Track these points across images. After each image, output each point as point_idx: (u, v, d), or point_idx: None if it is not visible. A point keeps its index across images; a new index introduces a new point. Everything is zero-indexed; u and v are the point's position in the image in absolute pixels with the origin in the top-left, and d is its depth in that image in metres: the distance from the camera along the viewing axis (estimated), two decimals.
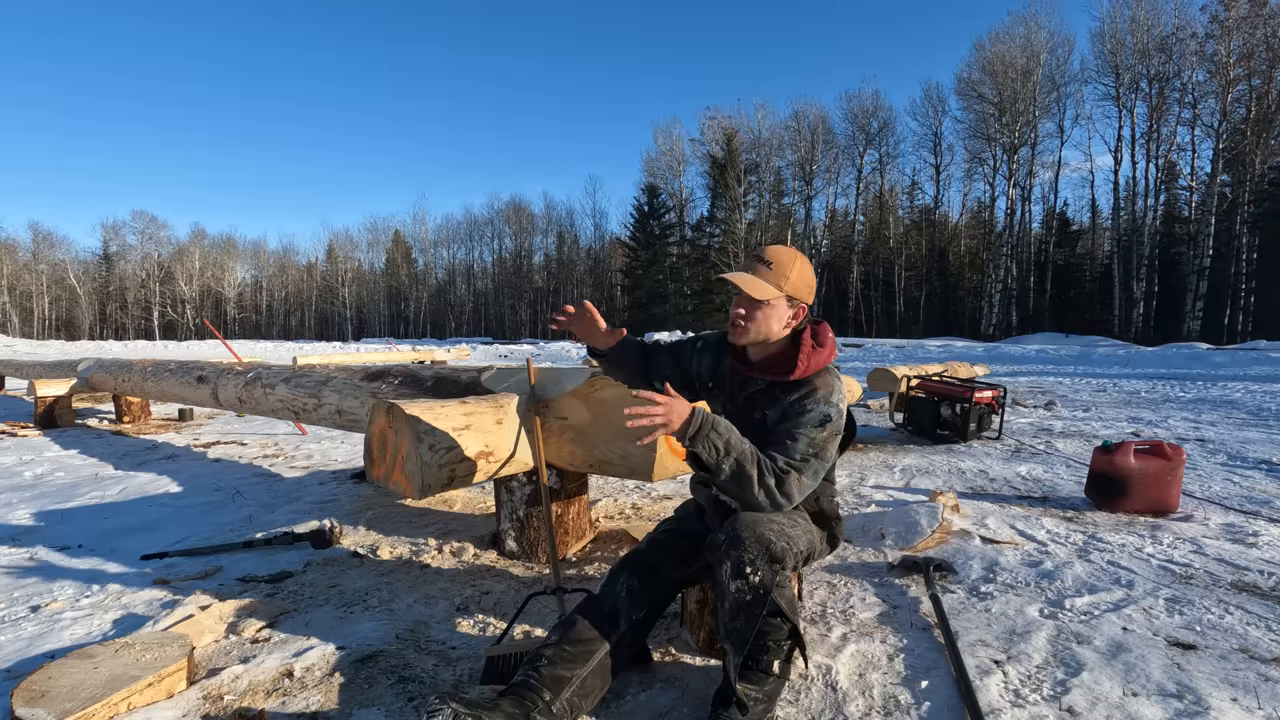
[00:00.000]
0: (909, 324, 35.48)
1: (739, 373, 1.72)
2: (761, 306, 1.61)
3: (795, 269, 1.62)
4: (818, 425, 1.56)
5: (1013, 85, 31.51)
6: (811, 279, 1.67)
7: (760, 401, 1.66)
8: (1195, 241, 26.75)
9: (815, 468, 1.56)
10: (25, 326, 61.46)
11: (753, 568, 1.47)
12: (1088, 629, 1.97)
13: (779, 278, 1.61)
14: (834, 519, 1.78)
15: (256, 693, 1.68)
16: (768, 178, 40.58)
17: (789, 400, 1.60)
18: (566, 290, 52.71)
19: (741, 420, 1.63)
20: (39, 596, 2.31)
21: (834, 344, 1.67)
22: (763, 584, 1.47)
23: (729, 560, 1.49)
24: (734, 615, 1.48)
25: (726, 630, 1.50)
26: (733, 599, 1.48)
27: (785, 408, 1.60)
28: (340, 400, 3.39)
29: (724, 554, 1.51)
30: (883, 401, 7.68)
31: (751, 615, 1.46)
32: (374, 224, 75.27)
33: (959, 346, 20.37)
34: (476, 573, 2.49)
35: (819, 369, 1.62)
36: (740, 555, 1.48)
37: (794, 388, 1.61)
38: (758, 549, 1.48)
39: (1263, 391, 8.75)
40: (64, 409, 6.40)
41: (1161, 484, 3.17)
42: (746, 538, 1.49)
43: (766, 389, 1.65)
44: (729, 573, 1.49)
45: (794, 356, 1.61)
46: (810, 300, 1.66)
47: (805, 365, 1.59)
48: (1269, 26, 24.91)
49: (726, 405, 1.75)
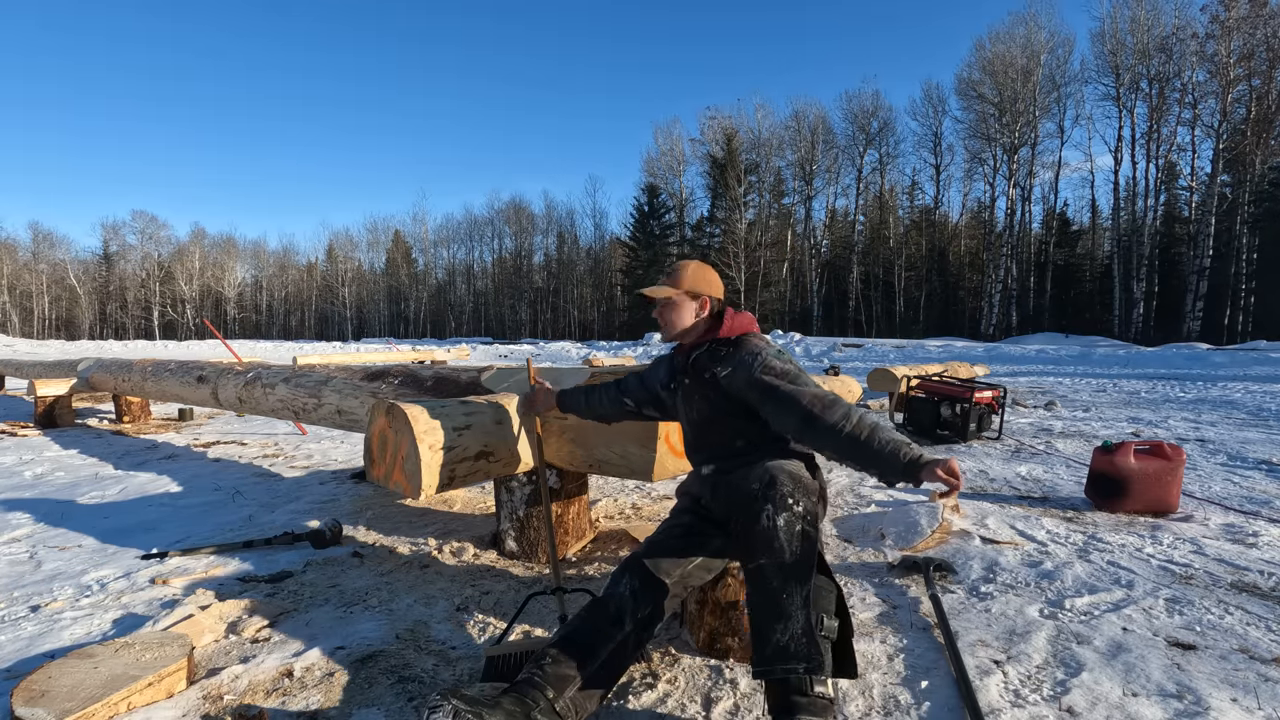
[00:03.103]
0: (909, 324, 35.47)
1: (683, 355, 1.98)
2: (667, 305, 1.93)
3: (689, 271, 1.95)
4: (777, 359, 1.77)
5: (1013, 85, 31.48)
6: (709, 276, 1.97)
7: (704, 363, 1.87)
8: (1195, 241, 26.73)
9: (808, 379, 1.75)
10: (25, 326, 61.48)
11: (793, 498, 1.54)
12: (1088, 629, 1.97)
13: (676, 281, 1.93)
14: (817, 469, 1.85)
15: (256, 692, 1.68)
16: (768, 178, 40.54)
17: (736, 359, 1.79)
18: (567, 290, 52.72)
19: (698, 384, 1.87)
20: (39, 596, 2.31)
21: (753, 319, 1.95)
22: (808, 511, 1.54)
23: (770, 501, 1.53)
24: (793, 553, 1.48)
25: (784, 581, 1.46)
26: (784, 531, 1.50)
27: (737, 362, 1.78)
28: (340, 400, 3.39)
29: (762, 499, 1.54)
30: (883, 401, 7.68)
31: (810, 545, 1.50)
32: (374, 224, 75.46)
33: (959, 346, 20.35)
34: (476, 573, 2.49)
35: (744, 330, 1.89)
36: (779, 490, 1.54)
37: (728, 345, 1.85)
38: (792, 482, 1.56)
39: (1263, 392, 8.75)
40: (64, 409, 6.40)
41: (1161, 484, 3.17)
42: (779, 476, 1.57)
43: (707, 351, 1.89)
44: (774, 510, 1.52)
45: (719, 323, 1.91)
46: (713, 294, 1.95)
47: (730, 324, 1.88)
48: (1269, 26, 24.89)
49: (684, 382, 1.94)
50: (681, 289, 1.93)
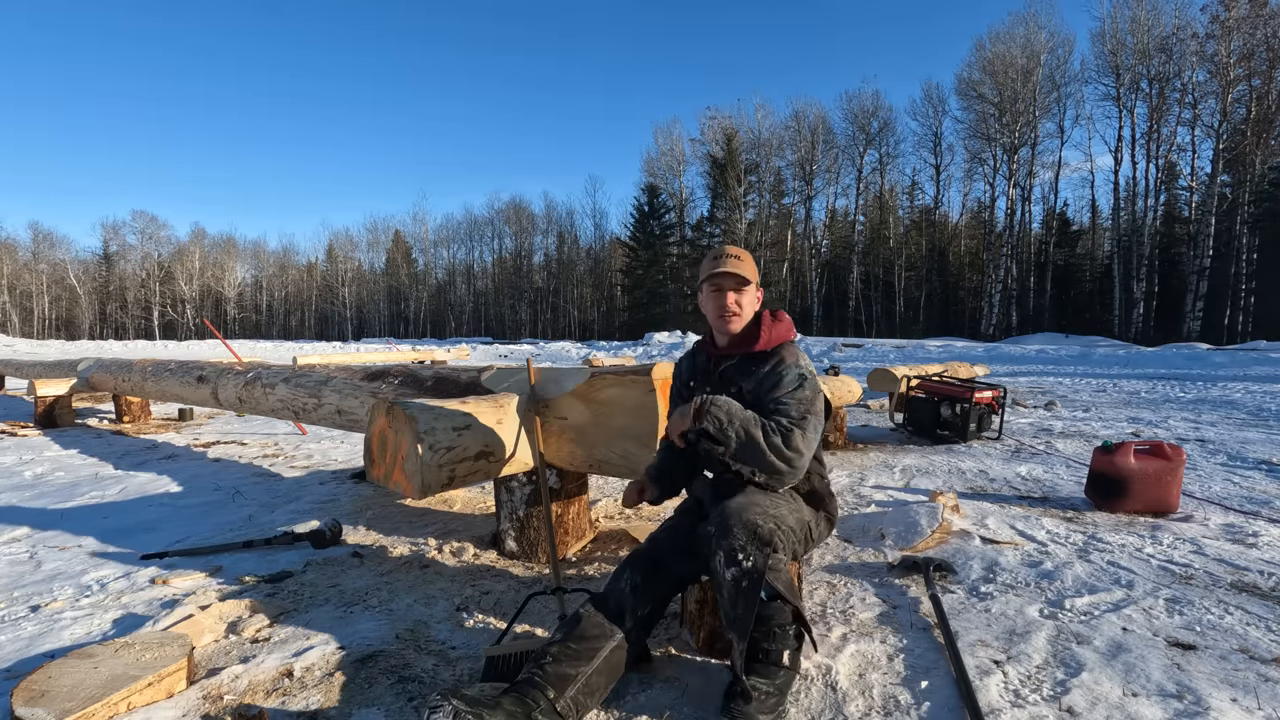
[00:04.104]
0: (909, 324, 35.47)
1: (712, 357, 1.91)
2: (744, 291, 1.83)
3: (752, 259, 1.90)
4: (797, 386, 1.73)
5: (1013, 85, 31.49)
6: (755, 264, 1.92)
7: (734, 376, 1.82)
8: (1195, 242, 26.72)
9: (813, 424, 1.70)
10: (25, 326, 61.47)
11: (744, 553, 1.52)
12: (1088, 629, 1.97)
13: (750, 268, 1.86)
14: (827, 496, 1.85)
15: (256, 692, 1.68)
16: (768, 178, 40.55)
17: (762, 372, 1.76)
18: (567, 290, 52.72)
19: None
20: (39, 596, 2.31)
21: (790, 323, 1.89)
22: (755, 568, 1.51)
23: (721, 549, 1.54)
24: (733, 603, 1.50)
25: (728, 619, 1.52)
26: (729, 587, 1.51)
27: (760, 379, 1.76)
28: (340, 400, 3.39)
29: (715, 544, 1.56)
30: (883, 401, 7.68)
31: (749, 600, 1.49)
32: (374, 224, 75.50)
33: (959, 346, 20.34)
34: (476, 573, 2.49)
35: (781, 341, 1.82)
36: (730, 543, 1.53)
37: (763, 359, 1.79)
38: (746, 534, 1.54)
39: (1263, 392, 8.75)
40: (64, 409, 6.40)
41: (1161, 484, 3.17)
42: (734, 525, 1.55)
43: (739, 363, 1.83)
44: (722, 562, 1.54)
45: (756, 331, 1.84)
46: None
47: (768, 336, 1.81)
48: (1269, 27, 24.88)
49: (706, 390, 1.89)
50: (756, 277, 1.85)
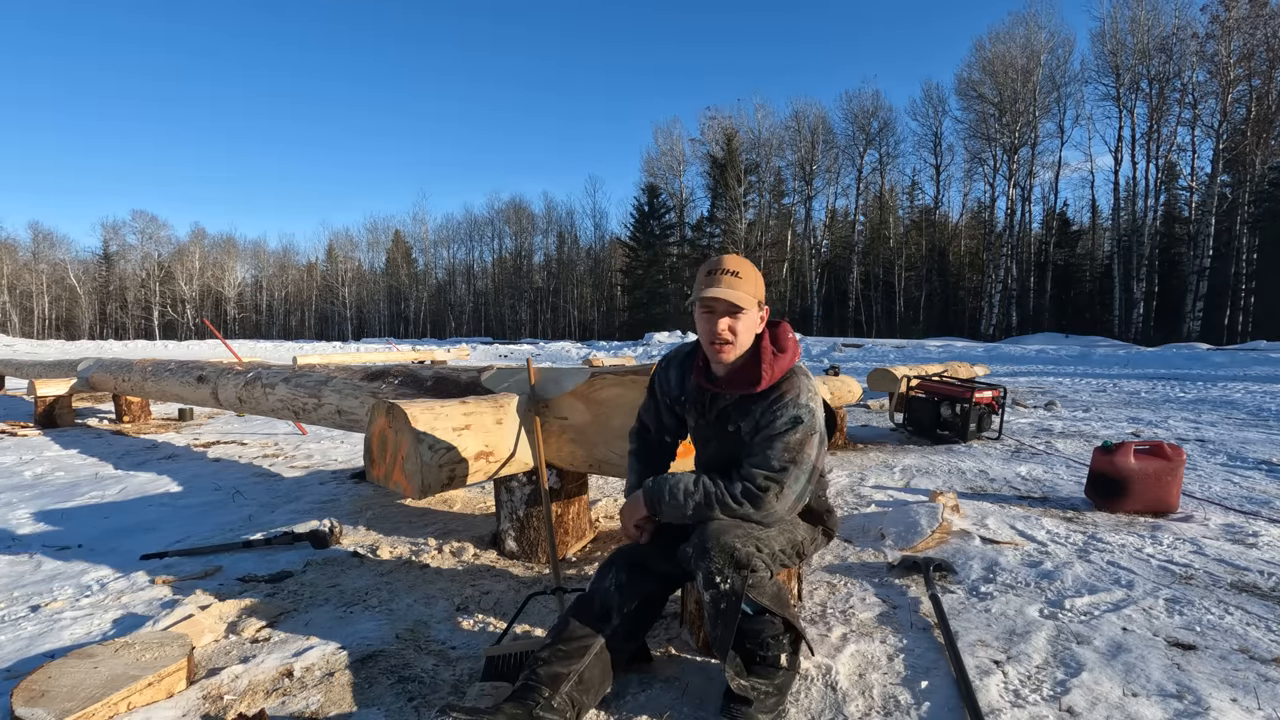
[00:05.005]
0: (909, 324, 35.47)
1: (705, 390, 1.71)
2: (738, 317, 1.59)
3: (755, 273, 1.64)
4: (789, 430, 1.57)
5: (1013, 85, 31.49)
6: (760, 275, 1.67)
7: (732, 415, 1.66)
8: (1195, 242, 26.73)
9: (795, 474, 1.56)
10: (25, 326, 61.46)
11: (721, 576, 1.49)
12: (1088, 629, 1.97)
13: (752, 286, 1.61)
14: (824, 512, 1.81)
15: (256, 692, 1.68)
16: (768, 178, 40.57)
17: (759, 410, 1.61)
18: (567, 290, 52.71)
19: (718, 434, 1.70)
20: (39, 596, 2.31)
21: (796, 344, 1.67)
22: (733, 590, 1.49)
23: (699, 571, 1.53)
24: (713, 623, 1.51)
25: (710, 637, 1.53)
26: (709, 608, 1.51)
27: (757, 418, 1.61)
28: (340, 400, 3.39)
29: (694, 565, 1.55)
30: (883, 401, 7.68)
31: (728, 622, 1.48)
32: (374, 224, 75.49)
33: (959, 346, 20.35)
34: (476, 573, 2.49)
35: (783, 373, 1.62)
36: (707, 566, 1.51)
37: (762, 396, 1.61)
38: (723, 558, 1.50)
39: (1263, 392, 8.75)
40: (64, 409, 6.40)
41: (1161, 484, 3.17)
42: (711, 548, 1.51)
43: (737, 402, 1.66)
44: (701, 584, 1.53)
45: (757, 368, 1.61)
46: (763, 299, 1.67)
47: (769, 374, 1.60)
48: (1269, 27, 24.89)
49: (699, 421, 1.76)
50: (758, 297, 1.61)
